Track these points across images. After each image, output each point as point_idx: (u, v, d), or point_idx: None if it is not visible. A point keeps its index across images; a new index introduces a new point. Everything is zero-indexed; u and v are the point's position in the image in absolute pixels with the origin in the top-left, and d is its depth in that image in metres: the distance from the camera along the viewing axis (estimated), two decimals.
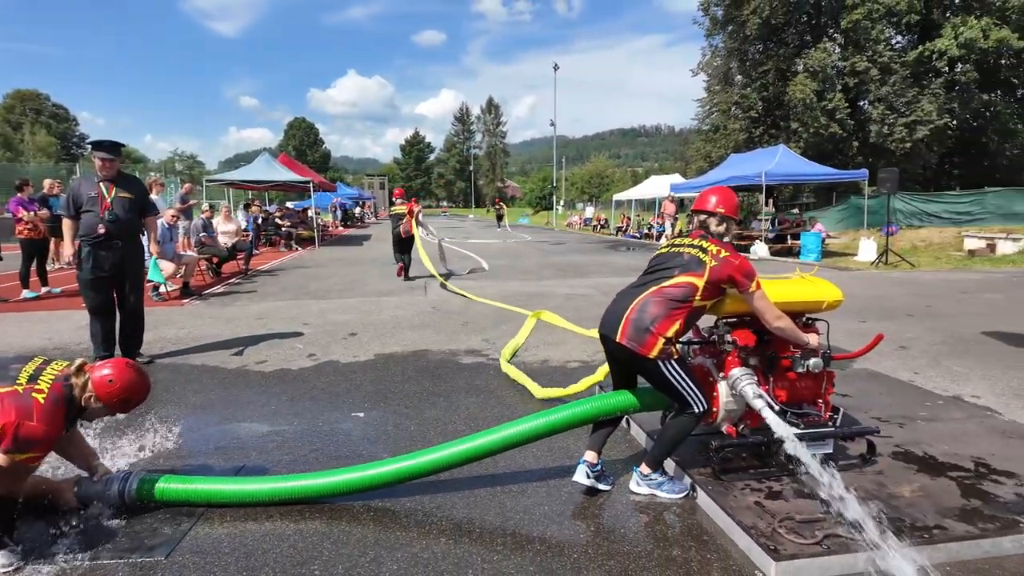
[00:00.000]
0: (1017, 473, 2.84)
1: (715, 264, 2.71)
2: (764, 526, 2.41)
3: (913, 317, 7.13)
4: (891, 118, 25.68)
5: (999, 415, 3.79)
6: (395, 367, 5.21)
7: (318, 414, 4.10)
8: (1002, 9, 24.18)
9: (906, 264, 12.81)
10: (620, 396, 2.94)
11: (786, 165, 16.64)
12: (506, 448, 2.85)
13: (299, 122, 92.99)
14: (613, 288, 2.94)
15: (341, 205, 36.78)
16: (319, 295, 9.28)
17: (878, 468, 2.92)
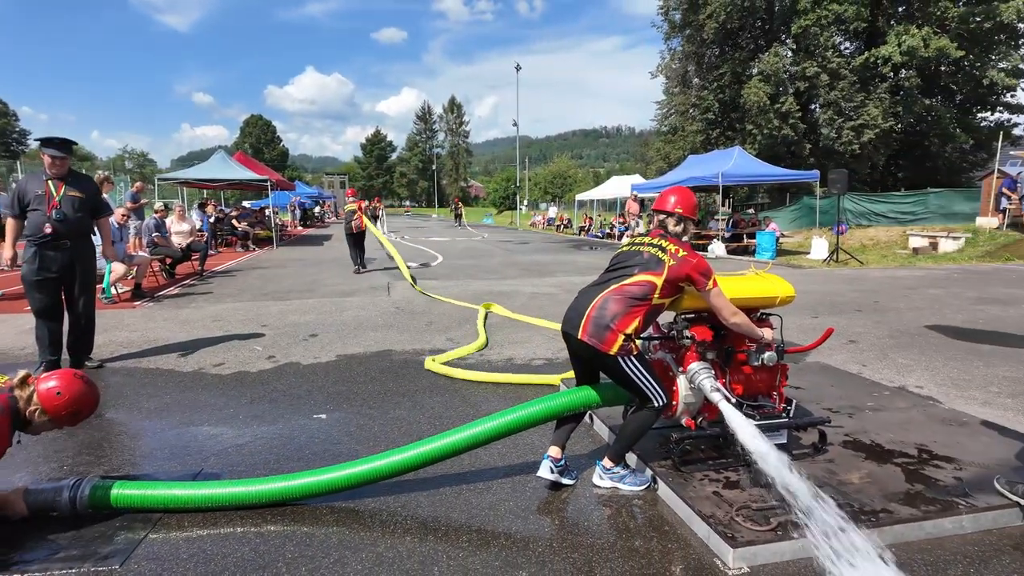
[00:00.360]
0: (956, 458, 3.00)
1: (673, 263, 2.78)
2: (722, 515, 2.48)
3: (862, 312, 7.43)
4: (839, 121, 26.65)
5: (940, 404, 4.00)
6: (358, 368, 5.15)
7: (278, 416, 4.03)
8: (941, 19, 25.38)
9: (855, 262, 13.33)
10: (582, 392, 2.99)
11: (742, 166, 17.10)
12: (471, 447, 2.86)
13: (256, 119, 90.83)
14: (577, 287, 2.99)
15: (300, 204, 36.04)
16: (278, 296, 9.09)
17: (829, 456, 3.04)
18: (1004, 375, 4.74)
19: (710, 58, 31.83)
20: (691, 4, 29.77)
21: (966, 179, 27.60)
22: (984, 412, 3.88)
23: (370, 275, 11.72)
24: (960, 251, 14.84)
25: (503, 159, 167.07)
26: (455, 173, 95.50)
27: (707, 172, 16.96)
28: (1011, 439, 3.28)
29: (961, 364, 5.07)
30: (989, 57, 25.90)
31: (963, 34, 25.15)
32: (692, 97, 32.41)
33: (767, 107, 27.05)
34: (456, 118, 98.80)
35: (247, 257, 15.58)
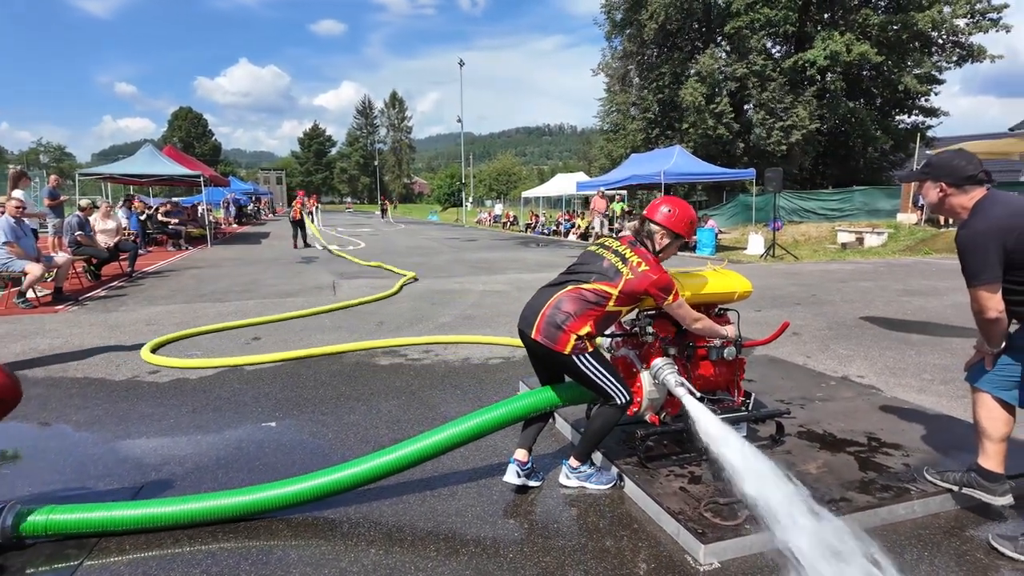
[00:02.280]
0: (902, 444, 3.14)
1: (631, 277, 2.72)
2: (690, 511, 2.50)
3: (801, 305, 7.75)
4: (770, 122, 27.79)
5: (881, 392, 4.19)
6: (306, 372, 4.95)
7: (224, 426, 3.81)
8: (863, 27, 26.86)
9: (790, 257, 13.93)
10: (545, 393, 2.94)
11: (682, 165, 17.58)
12: (436, 455, 2.77)
13: (185, 112, 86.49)
14: (527, 284, 2.97)
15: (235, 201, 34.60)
16: (215, 298, 8.66)
17: (787, 447, 3.12)
18: (934, 363, 5.03)
19: (650, 58, 32.53)
20: (632, 3, 30.32)
21: (886, 177, 29.34)
22: (921, 399, 4.09)
23: (315, 274, 11.35)
24: (884, 246, 15.75)
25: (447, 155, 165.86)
26: (398, 169, 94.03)
27: (650, 170, 17.36)
28: (948, 424, 3.46)
29: (895, 353, 5.35)
30: (905, 64, 27.59)
31: (882, 41, 26.71)
32: (633, 96, 33.06)
33: (703, 107, 27.89)
34: (398, 113, 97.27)
35: (180, 257, 14.80)
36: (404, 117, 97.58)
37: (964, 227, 2.26)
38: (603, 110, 36.09)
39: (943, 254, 13.78)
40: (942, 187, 2.35)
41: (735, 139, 28.75)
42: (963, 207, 2.32)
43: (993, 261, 2.15)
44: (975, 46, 27.26)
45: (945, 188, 2.34)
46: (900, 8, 26.84)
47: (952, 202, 2.34)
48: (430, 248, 17.65)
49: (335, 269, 12.11)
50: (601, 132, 38.33)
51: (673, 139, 30.07)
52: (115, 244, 10.79)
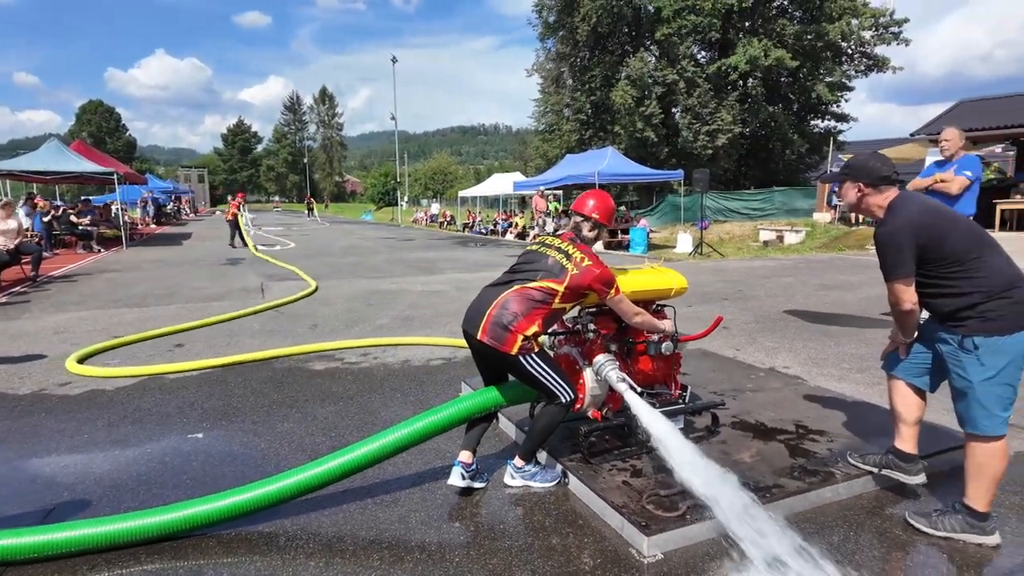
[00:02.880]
0: (827, 431, 3.31)
1: (576, 272, 2.77)
2: (633, 504, 2.54)
3: (729, 300, 8.08)
4: (696, 126, 28.90)
5: (806, 382, 4.42)
6: (235, 379, 4.71)
7: (146, 439, 3.57)
8: (780, 35, 28.36)
9: (717, 254, 14.52)
10: (489, 393, 2.92)
11: (615, 166, 18.00)
12: (377, 461, 2.69)
13: (95, 105, 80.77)
14: (467, 283, 2.94)
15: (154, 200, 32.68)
16: (133, 303, 8.13)
17: (722, 438, 3.23)
18: (851, 352, 5.35)
19: (582, 60, 33.10)
20: (565, 5, 30.74)
21: (803, 179, 31.11)
22: (841, 387, 4.34)
23: (242, 277, 10.86)
24: (802, 243, 16.68)
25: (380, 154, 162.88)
26: (329, 167, 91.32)
27: (584, 171, 17.67)
28: (866, 410, 3.69)
29: (816, 344, 5.66)
30: (819, 71, 29.36)
31: (798, 49, 28.29)
32: (566, 97, 33.54)
33: (633, 110, 28.67)
34: (328, 109, 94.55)
35: (91, 260, 13.81)
36: (335, 114, 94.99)
37: (881, 225, 2.40)
38: (538, 111, 36.44)
39: (855, 250, 14.73)
40: (860, 187, 2.48)
41: (661, 142, 29.70)
42: (879, 206, 2.46)
43: (908, 257, 2.29)
44: (880, 57, 29.37)
45: (863, 188, 2.48)
46: (813, 19, 28.51)
47: (869, 201, 2.48)
48: (365, 248, 17.27)
49: (263, 271, 11.63)
50: (536, 132, 38.67)
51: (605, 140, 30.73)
52: (15, 247, 9.93)
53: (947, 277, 2.30)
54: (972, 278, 2.25)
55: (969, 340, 2.27)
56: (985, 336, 2.24)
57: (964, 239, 2.28)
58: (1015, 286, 2.25)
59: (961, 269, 2.26)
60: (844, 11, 27.46)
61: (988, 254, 2.28)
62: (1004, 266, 2.29)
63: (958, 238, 2.28)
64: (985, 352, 2.24)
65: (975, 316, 2.25)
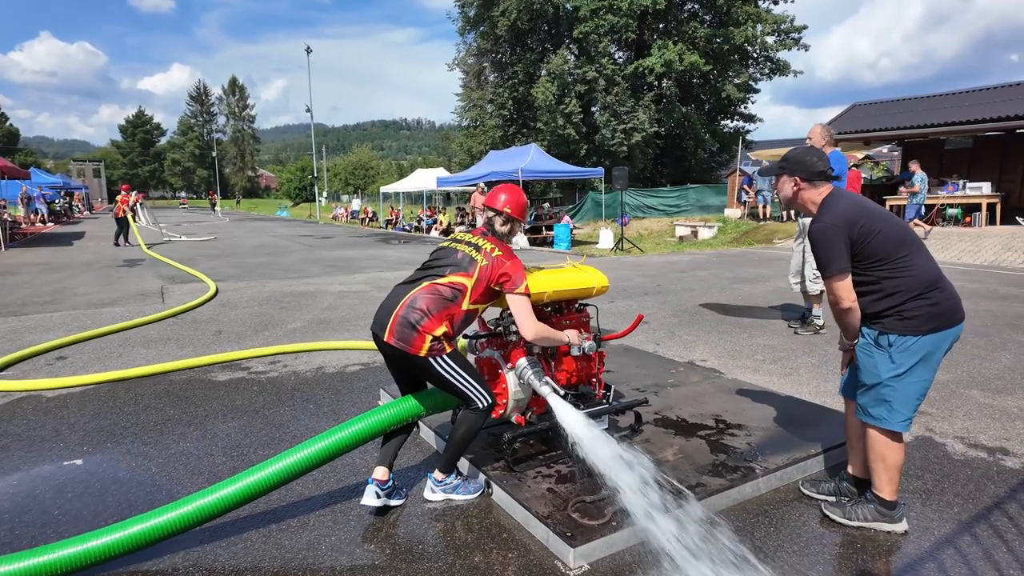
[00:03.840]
0: (745, 424, 3.36)
1: (485, 263, 2.66)
2: (558, 513, 2.44)
3: (648, 295, 8.24)
4: (614, 124, 29.60)
5: (723, 375, 4.51)
6: (125, 395, 4.26)
7: (12, 469, 3.12)
8: (692, 38, 29.51)
9: (637, 250, 14.89)
10: (406, 403, 2.74)
11: (538, 163, 18.04)
12: (285, 482, 2.44)
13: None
14: (389, 283, 2.77)
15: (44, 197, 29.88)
16: (8, 311, 7.28)
17: (645, 436, 3.20)
18: (764, 344, 5.55)
19: (504, 56, 33.10)
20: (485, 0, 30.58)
21: (714, 176, 32.60)
22: (756, 378, 4.46)
23: (139, 278, 10.00)
24: (714, 238, 17.42)
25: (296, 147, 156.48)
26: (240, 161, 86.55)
27: (508, 167, 17.58)
28: (782, 401, 3.79)
29: (731, 337, 5.83)
30: (727, 74, 30.80)
31: (709, 52, 29.55)
32: (489, 93, 33.43)
33: (554, 107, 28.97)
34: (239, 101, 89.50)
35: None
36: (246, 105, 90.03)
37: (816, 221, 2.39)
38: (461, 106, 36.11)
39: (763, 244, 15.52)
40: (796, 181, 2.48)
41: (581, 140, 30.20)
42: (813, 201, 2.47)
43: (842, 251, 2.28)
44: (782, 61, 31.17)
45: (799, 183, 2.47)
46: (722, 23, 29.85)
47: (804, 196, 2.49)
48: (279, 247, 16.43)
49: (164, 273, 10.78)
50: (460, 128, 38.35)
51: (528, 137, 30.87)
52: None
53: (872, 276, 2.31)
54: (896, 278, 2.28)
55: (884, 337, 2.31)
56: (899, 335, 2.28)
57: (892, 238, 2.29)
58: (935, 287, 2.29)
59: (887, 268, 2.28)
60: (749, 17, 28.92)
61: (914, 253, 2.30)
62: (927, 266, 2.31)
63: (886, 236, 2.29)
64: (897, 350, 2.29)
65: (894, 315, 2.29)
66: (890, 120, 16.79)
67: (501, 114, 32.43)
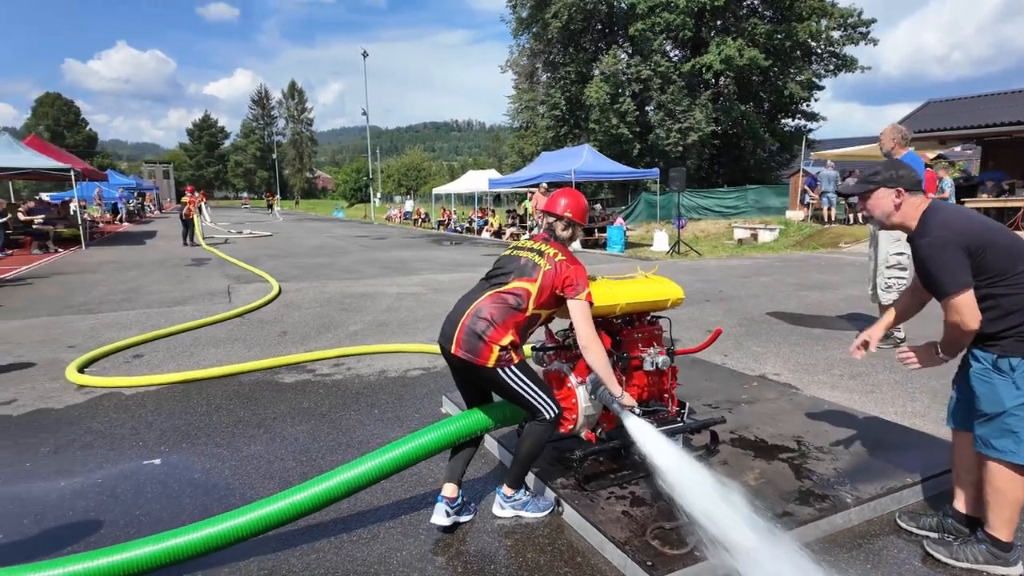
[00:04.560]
0: (830, 448, 3.16)
1: (548, 268, 2.60)
2: (636, 540, 2.33)
3: (710, 302, 7.96)
4: (669, 123, 28.96)
5: (800, 391, 4.28)
6: (197, 395, 4.38)
7: (96, 467, 3.24)
8: (752, 34, 28.60)
9: (695, 253, 14.48)
10: (474, 415, 2.69)
11: (592, 164, 17.85)
12: (353, 492, 2.43)
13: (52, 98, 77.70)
14: (443, 285, 2.73)
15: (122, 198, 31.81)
16: (88, 308, 7.66)
17: (722, 457, 3.05)
18: (840, 357, 5.25)
19: (556, 56, 32.92)
20: (537, 2, 30.50)
21: (774, 177, 31.49)
22: (835, 396, 4.21)
23: (207, 278, 10.40)
24: (776, 241, 16.78)
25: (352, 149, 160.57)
26: (299, 163, 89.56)
27: (560, 168, 17.47)
28: (866, 422, 3.55)
29: (804, 349, 5.54)
30: (789, 71, 29.70)
31: (769, 49, 28.56)
32: (541, 94, 33.33)
33: (608, 106, 28.60)
34: (297, 104, 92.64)
35: (46, 261, 13.14)
36: (304, 108, 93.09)
37: (923, 235, 2.18)
38: (513, 107, 36.14)
39: (828, 249, 14.84)
40: (900, 192, 2.29)
41: (635, 139, 29.70)
42: (912, 216, 2.27)
43: (964, 264, 2.07)
44: (848, 57, 29.83)
45: (902, 193, 2.28)
46: (783, 19, 28.81)
47: (906, 208, 2.30)
48: (337, 247, 16.81)
49: (229, 272, 11.17)
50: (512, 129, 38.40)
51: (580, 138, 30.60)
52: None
53: (987, 293, 2.10)
54: (1015, 294, 2.07)
55: (1005, 361, 2.10)
56: (1022, 358, 2.07)
57: (1007, 250, 2.09)
58: None
59: (1004, 283, 2.08)
60: (813, 11, 27.80)
61: None
62: None
63: (1001, 248, 2.09)
64: (1022, 374, 2.07)
65: (1014, 336, 2.08)
66: (968, 118, 15.77)
67: (553, 115, 32.24)
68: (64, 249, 15.25)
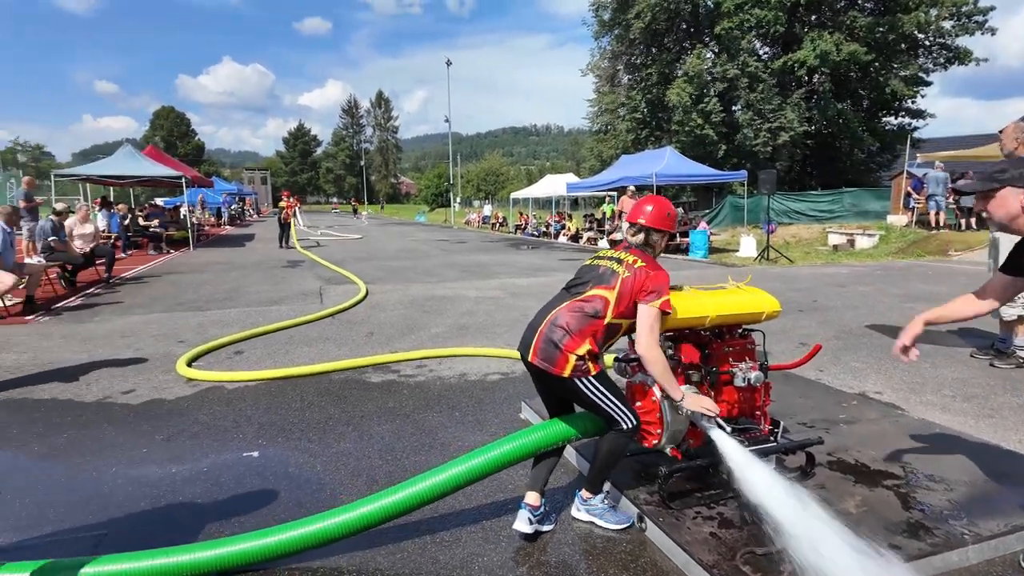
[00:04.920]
0: (942, 477, 2.89)
1: (627, 275, 2.55)
2: (725, 564, 2.23)
3: (803, 312, 7.53)
4: (758, 123, 27.72)
5: (905, 412, 3.96)
6: (292, 391, 4.62)
7: (202, 456, 3.49)
8: (851, 28, 26.93)
9: (785, 259, 13.77)
10: (557, 425, 2.68)
11: (674, 166, 17.39)
12: (437, 498, 2.48)
13: (167, 111, 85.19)
14: (521, 289, 2.74)
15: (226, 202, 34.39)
16: (196, 306, 8.28)
17: (819, 481, 2.87)
18: (952, 376, 4.82)
19: (638, 58, 32.41)
20: (620, 3, 30.15)
21: (874, 179, 29.45)
22: (946, 419, 3.86)
23: (301, 279, 11.00)
24: (875, 248, 15.66)
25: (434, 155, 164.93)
26: (384, 169, 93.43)
27: (641, 172, 17.13)
28: (983, 450, 3.23)
29: (909, 366, 5.07)
30: (892, 65, 27.70)
31: (870, 43, 26.77)
32: (622, 96, 32.91)
33: (690, 107, 27.79)
34: (384, 113, 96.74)
35: (160, 261, 14.34)
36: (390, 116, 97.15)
37: None
38: (592, 111, 35.92)
39: (936, 256, 13.70)
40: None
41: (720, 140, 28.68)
42: None
43: None
44: (961, 48, 27.44)
45: None
46: (887, 10, 26.93)
47: None
48: (419, 251, 17.31)
49: (321, 274, 11.75)
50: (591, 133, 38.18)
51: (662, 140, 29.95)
52: (91, 250, 10.35)
53: None
54: None
55: None
56: None
57: None
58: None
59: None
60: (921, 0, 25.79)
61: None
62: None
63: None
64: None
65: None
66: None
67: (634, 117, 31.74)
68: (175, 250, 16.60)
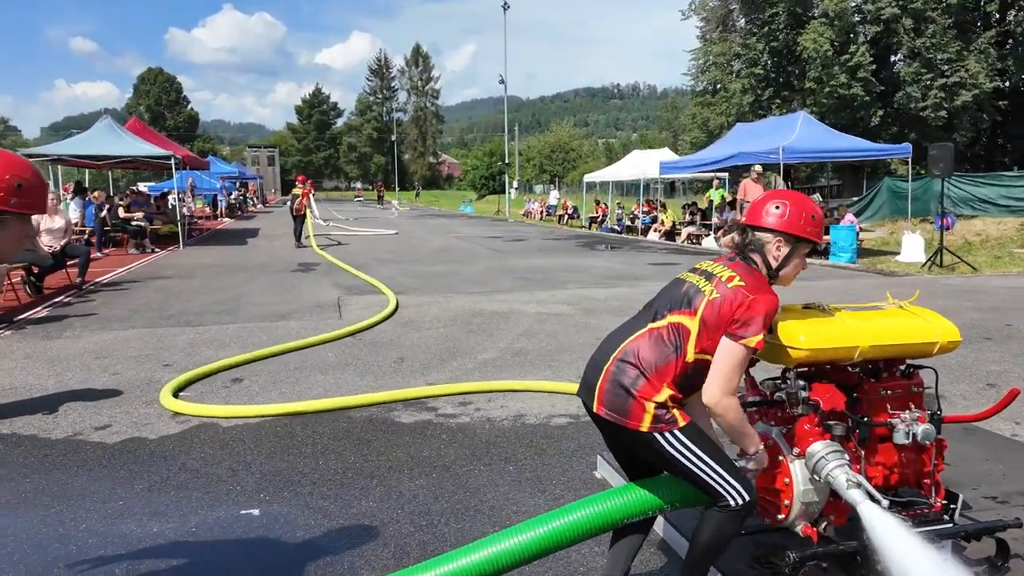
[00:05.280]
0: None
1: (715, 297, 2.41)
2: None
3: (992, 340, 7.20)
4: (927, 79, 26.71)
5: None
6: (302, 431, 4.77)
7: (190, 513, 3.63)
8: None
9: (966, 267, 13.17)
10: (640, 491, 2.61)
11: (809, 139, 16.94)
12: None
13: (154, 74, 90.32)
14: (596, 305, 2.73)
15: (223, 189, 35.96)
16: (186, 320, 8.68)
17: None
18: None
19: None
20: None
21: None
22: None
23: (315, 286, 11.37)
24: None
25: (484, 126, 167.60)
26: (421, 145, 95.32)
27: (763, 146, 16.79)
28: None
29: None
30: None
31: None
32: (736, 45, 32.51)
33: (831, 59, 27.12)
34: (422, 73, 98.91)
35: (144, 262, 15.15)
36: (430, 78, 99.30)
37: None
38: (696, 65, 35.61)
39: None
40: None
41: (873, 103, 27.77)
42: None
43: None
44: None
45: None
46: None
47: None
48: (464, 251, 17.57)
49: (340, 281, 12.09)
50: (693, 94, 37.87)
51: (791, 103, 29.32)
52: (62, 248, 11.03)
53: None
54: None
55: None
56: None
57: None
58: None
59: None
60: None
61: None
62: None
63: None
64: None
65: None
66: None
67: (753, 73, 31.30)
68: (161, 249, 17.48)
